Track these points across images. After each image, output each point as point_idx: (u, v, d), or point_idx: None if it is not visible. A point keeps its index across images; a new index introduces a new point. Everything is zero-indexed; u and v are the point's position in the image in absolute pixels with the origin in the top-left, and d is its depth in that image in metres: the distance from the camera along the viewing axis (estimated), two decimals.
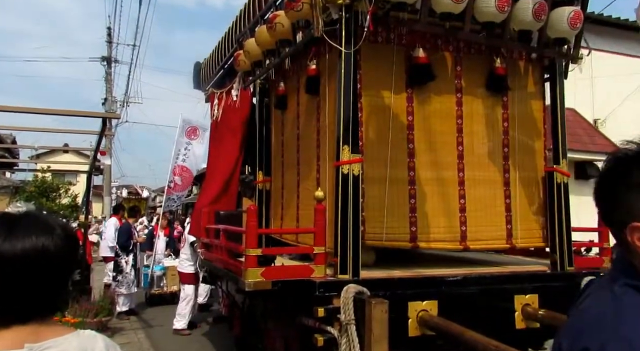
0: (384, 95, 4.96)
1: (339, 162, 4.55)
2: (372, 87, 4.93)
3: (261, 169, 7.08)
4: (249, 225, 4.52)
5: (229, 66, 7.91)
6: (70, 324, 6.94)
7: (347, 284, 4.30)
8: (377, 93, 4.94)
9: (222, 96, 8.01)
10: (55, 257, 1.37)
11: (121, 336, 8.71)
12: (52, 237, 1.38)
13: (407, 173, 4.98)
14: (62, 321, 7.00)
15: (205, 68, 8.83)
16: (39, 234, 1.36)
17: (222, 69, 8.13)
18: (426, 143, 5.07)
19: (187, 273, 9.23)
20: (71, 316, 7.89)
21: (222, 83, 8.31)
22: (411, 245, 4.94)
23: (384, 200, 4.85)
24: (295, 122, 6.14)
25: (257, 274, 4.41)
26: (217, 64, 8.12)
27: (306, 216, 5.69)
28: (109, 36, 27.34)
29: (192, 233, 8.44)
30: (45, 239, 1.36)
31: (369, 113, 4.89)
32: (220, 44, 7.95)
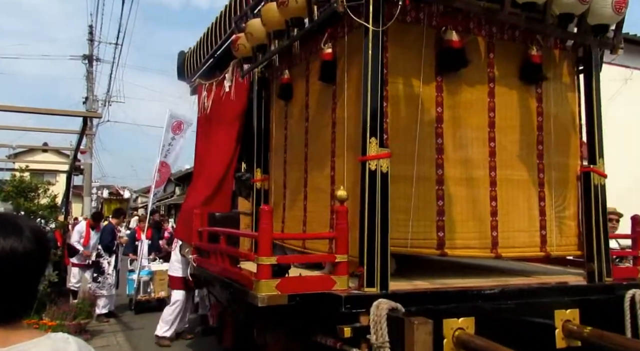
0: (412, 82, 4.24)
1: (365, 156, 3.81)
2: (399, 73, 4.22)
3: (259, 166, 6.28)
4: (262, 228, 3.73)
5: (219, 55, 7.09)
6: (48, 326, 6.87)
7: (375, 299, 3.56)
8: (404, 81, 4.22)
9: (212, 87, 7.19)
10: (23, 259, 1.31)
11: (100, 339, 8.26)
12: (21, 239, 1.31)
13: (435, 171, 4.27)
14: (40, 324, 6.99)
15: (191, 58, 7.94)
16: (6, 236, 1.30)
17: (212, 58, 7.26)
18: (456, 138, 4.37)
19: (176, 277, 8.31)
20: (49, 319, 7.39)
21: (210, 74, 7.48)
22: (438, 252, 4.22)
23: (409, 201, 4.14)
24: (302, 114, 5.35)
25: (271, 287, 3.64)
26: (206, 53, 7.26)
27: (316, 219, 4.93)
28: (90, 34, 26.12)
29: (179, 236, 7.58)
30: (14, 241, 1.30)
31: (395, 103, 4.17)
32: (209, 31, 7.11)
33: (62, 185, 17.92)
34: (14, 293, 1.31)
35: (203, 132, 7.50)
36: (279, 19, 4.72)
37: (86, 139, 20.34)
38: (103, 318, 9.70)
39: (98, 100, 26.79)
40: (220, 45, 6.85)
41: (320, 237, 4.49)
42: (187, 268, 8.12)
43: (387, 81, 4.04)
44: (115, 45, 24.22)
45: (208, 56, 7.27)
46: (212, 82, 7.27)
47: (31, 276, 1.35)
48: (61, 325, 7.25)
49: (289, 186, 5.71)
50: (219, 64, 7.24)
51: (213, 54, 7.18)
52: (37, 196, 18.32)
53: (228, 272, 4.49)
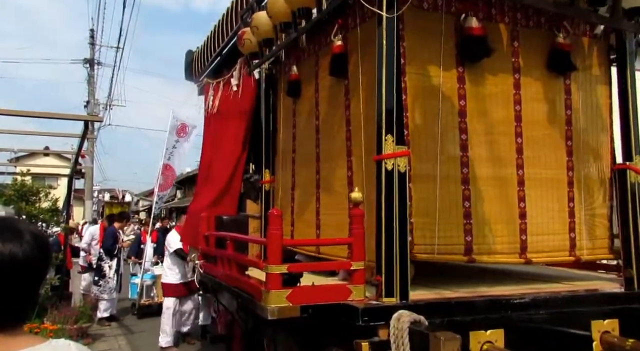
0: (432, 73, 3.97)
1: (380, 155, 3.55)
2: (418, 63, 3.94)
3: (268, 167, 6.03)
4: (271, 234, 3.47)
5: (226, 53, 6.88)
6: (50, 331, 6.88)
7: (395, 310, 3.31)
8: (424, 72, 3.95)
9: (219, 86, 6.97)
10: (23, 265, 1.29)
11: (101, 343, 8.36)
12: (21, 244, 1.30)
13: (460, 170, 3.99)
14: (41, 328, 7.00)
15: (198, 57, 7.74)
16: (6, 241, 1.29)
17: (219, 56, 7.05)
18: (481, 133, 4.09)
19: (167, 284, 8.11)
20: (50, 323, 7.42)
21: (218, 72, 7.28)
22: (466, 258, 3.95)
23: (433, 203, 3.86)
24: (312, 111, 5.10)
25: (281, 297, 3.39)
26: (213, 51, 7.05)
27: (331, 222, 4.68)
28: (92, 38, 26.03)
29: (186, 241, 7.34)
30: (13, 246, 1.29)
31: (415, 95, 3.89)
32: (216, 29, 6.90)
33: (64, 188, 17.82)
34: (13, 298, 1.29)
35: (210, 133, 7.28)
36: (286, 10, 4.49)
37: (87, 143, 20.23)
38: (104, 321, 9.70)
39: (99, 103, 26.72)
40: (227, 42, 6.63)
41: (334, 243, 4.24)
42: (181, 274, 7.96)
43: (405, 72, 3.78)
44: (117, 49, 23.95)
45: (215, 54, 7.05)
46: (219, 80, 7.06)
47: (31, 282, 1.34)
48: (62, 329, 7.25)
49: (298, 188, 5.46)
50: (226, 62, 7.02)
51: (220, 51, 6.96)
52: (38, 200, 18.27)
53: (236, 281, 4.23)
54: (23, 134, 11.87)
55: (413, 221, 3.69)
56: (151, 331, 8.72)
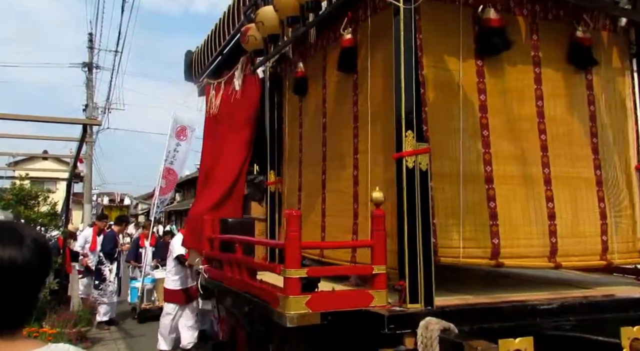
0: (450, 67, 3.64)
1: (401, 152, 3.23)
2: (435, 56, 3.61)
3: (273, 168, 5.67)
4: (289, 236, 3.13)
5: (228, 52, 6.50)
6: (48, 335, 6.71)
7: (421, 317, 2.98)
8: (442, 65, 3.63)
9: (220, 86, 6.60)
10: (22, 269, 1.24)
11: (101, 347, 8.11)
12: (21, 249, 1.25)
13: (484, 168, 3.65)
14: (40, 332, 6.76)
15: (198, 57, 7.34)
16: (6, 245, 1.24)
17: (220, 55, 6.67)
18: (503, 130, 3.76)
19: (170, 290, 7.68)
20: (49, 327, 7.17)
21: (218, 72, 6.88)
22: (494, 262, 3.60)
23: (457, 202, 3.52)
24: (319, 109, 4.77)
25: (301, 304, 3.06)
26: (213, 50, 6.67)
27: (336, 224, 4.35)
28: (90, 42, 25.50)
29: (188, 245, 6.95)
30: (13, 250, 1.24)
31: (433, 90, 3.56)
32: (217, 27, 6.53)
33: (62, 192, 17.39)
34: (12, 303, 1.25)
35: (211, 134, 6.90)
36: (294, 4, 4.14)
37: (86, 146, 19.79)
38: (104, 325, 9.42)
39: (98, 107, 26.23)
40: (229, 41, 6.27)
41: (354, 246, 3.89)
42: (185, 279, 7.53)
43: (422, 65, 3.45)
44: (115, 53, 23.47)
45: (216, 53, 6.68)
46: (221, 80, 6.70)
47: (31, 286, 1.29)
48: (61, 333, 7.03)
49: (305, 189, 5.10)
50: (227, 62, 6.65)
51: (222, 50, 6.58)
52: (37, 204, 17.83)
53: (247, 286, 3.87)
54: (22, 138, 11.51)
55: (435, 222, 3.36)
56: (151, 335, 8.40)
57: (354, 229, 4.02)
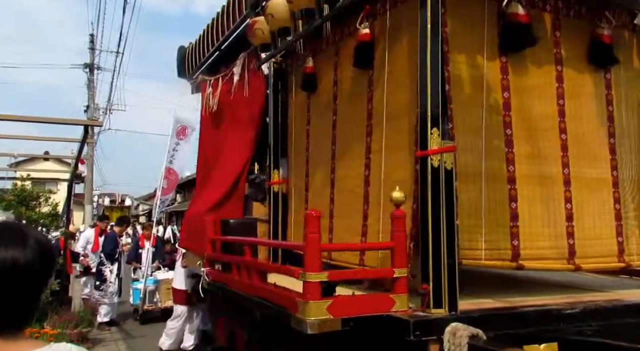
0: (476, 62, 3.41)
1: (426, 151, 3.02)
2: (461, 51, 3.37)
3: (276, 168, 5.41)
4: (309, 238, 2.90)
5: (226, 48, 6.24)
6: (50, 335, 6.62)
7: (447, 322, 2.76)
8: (467, 60, 3.39)
9: (218, 83, 6.34)
10: (25, 270, 1.21)
11: (102, 348, 7.98)
12: (24, 249, 1.22)
13: (506, 167, 3.43)
14: (41, 333, 6.68)
15: (192, 52, 7.05)
16: (9, 246, 1.21)
17: (218, 50, 6.42)
18: (525, 129, 3.53)
19: (180, 290, 7.40)
20: (50, 328, 7.12)
21: (214, 69, 6.59)
22: (514, 265, 3.36)
23: (479, 203, 3.30)
24: (329, 106, 4.53)
25: (321, 309, 2.82)
26: (211, 45, 6.40)
27: (344, 226, 4.10)
28: (91, 43, 25.18)
29: (184, 246, 6.69)
30: (16, 251, 1.21)
31: (458, 86, 3.33)
32: (213, 22, 6.27)
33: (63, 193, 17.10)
34: (14, 303, 1.22)
35: (209, 133, 6.62)
36: None
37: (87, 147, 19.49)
38: (105, 326, 9.25)
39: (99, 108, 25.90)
40: (228, 36, 6.02)
41: (373, 248, 3.66)
42: (191, 280, 7.33)
43: (448, 60, 3.22)
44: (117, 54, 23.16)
45: (214, 49, 6.38)
46: (219, 76, 6.41)
47: (33, 287, 1.27)
48: (62, 333, 6.95)
49: (312, 189, 4.84)
50: (225, 58, 6.38)
51: (219, 46, 6.33)
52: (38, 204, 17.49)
53: (258, 290, 3.62)
54: (23, 139, 11.31)
55: (458, 223, 3.14)
56: (152, 336, 8.21)
57: (362, 231, 3.79)
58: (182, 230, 6.86)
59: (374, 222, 3.66)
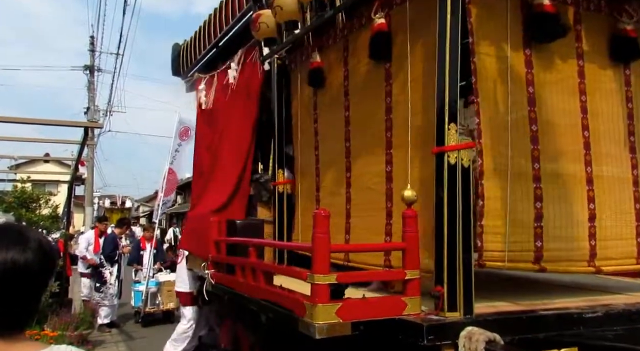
0: (501, 54, 3.27)
1: (442, 147, 2.91)
2: (486, 42, 3.22)
3: (281, 167, 5.29)
4: (317, 239, 2.78)
5: (224, 44, 6.14)
6: (50, 337, 6.59)
7: (462, 326, 2.65)
8: (493, 52, 3.24)
9: (213, 80, 6.24)
10: (25, 271, 1.22)
11: (102, 349, 8.11)
12: (24, 251, 1.23)
13: (532, 165, 3.30)
14: (41, 335, 6.60)
15: (187, 50, 6.93)
16: (9, 247, 1.22)
17: (215, 48, 6.30)
18: (549, 125, 3.39)
19: (185, 293, 7.26)
20: (50, 329, 7.06)
21: (211, 67, 6.49)
22: (537, 267, 3.21)
23: (505, 202, 3.17)
24: (340, 102, 4.40)
25: (330, 312, 2.70)
26: (207, 43, 6.29)
27: (365, 225, 3.96)
28: (91, 45, 25.18)
29: (186, 248, 6.56)
30: (16, 253, 1.22)
31: (484, 79, 3.20)
32: (210, 19, 6.16)
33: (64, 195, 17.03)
34: (14, 305, 1.22)
35: (205, 132, 6.50)
36: None
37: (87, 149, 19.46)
38: (105, 328, 9.32)
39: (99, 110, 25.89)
40: (225, 33, 5.92)
41: (385, 249, 3.53)
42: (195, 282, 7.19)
43: (473, 51, 3.10)
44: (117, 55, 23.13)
45: (210, 46, 6.28)
46: (214, 74, 6.30)
47: (33, 288, 1.27)
48: (62, 335, 6.93)
49: (324, 188, 4.71)
50: (222, 55, 6.29)
51: (217, 43, 6.23)
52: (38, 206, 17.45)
53: (264, 292, 3.48)
54: (23, 141, 11.36)
55: (483, 224, 3.02)
56: (152, 338, 8.36)
57: (387, 230, 3.64)
58: (184, 232, 6.74)
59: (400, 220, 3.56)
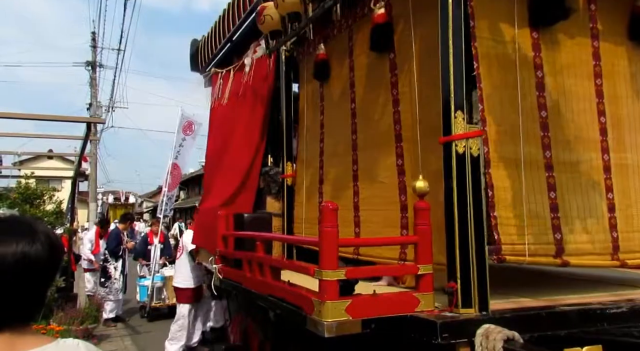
0: (505, 38, 3.16)
1: (449, 136, 2.80)
2: (489, 26, 3.10)
3: (290, 160, 5.21)
4: (325, 232, 2.68)
5: (237, 38, 6.07)
6: (56, 332, 6.64)
7: (479, 324, 2.56)
8: (496, 36, 3.13)
9: (229, 75, 6.17)
10: (34, 264, 1.23)
11: (108, 344, 8.04)
12: (33, 244, 1.24)
13: (542, 153, 3.19)
14: (47, 329, 6.69)
15: (205, 45, 6.87)
16: (19, 239, 1.23)
17: (230, 42, 6.24)
18: (560, 111, 3.28)
19: (183, 289, 7.19)
20: (56, 324, 7.18)
21: (227, 61, 6.45)
22: (559, 261, 3.09)
23: (518, 192, 3.05)
24: (346, 94, 4.31)
25: (340, 310, 2.61)
26: (222, 37, 6.23)
27: (376, 218, 3.87)
28: (93, 41, 25.08)
29: (196, 242, 6.52)
30: (25, 245, 1.23)
31: (487, 65, 3.08)
32: (225, 13, 6.08)
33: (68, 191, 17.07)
34: (21, 298, 1.23)
35: (220, 125, 6.46)
36: None
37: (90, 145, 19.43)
38: (110, 322, 9.34)
39: (102, 106, 25.90)
40: (239, 25, 5.83)
41: (396, 242, 3.43)
42: (197, 278, 7.06)
43: (474, 36, 2.99)
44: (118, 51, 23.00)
45: (225, 40, 6.24)
46: (230, 68, 6.27)
47: (40, 281, 1.27)
48: (68, 330, 7.01)
49: (329, 181, 4.62)
50: (237, 49, 6.22)
51: (230, 37, 6.16)
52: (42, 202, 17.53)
53: (271, 288, 3.38)
54: (26, 137, 11.41)
55: (497, 215, 2.91)
56: (157, 332, 8.40)
57: (402, 223, 3.56)
58: (195, 226, 6.69)
59: None
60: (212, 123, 6.70)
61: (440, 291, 2.86)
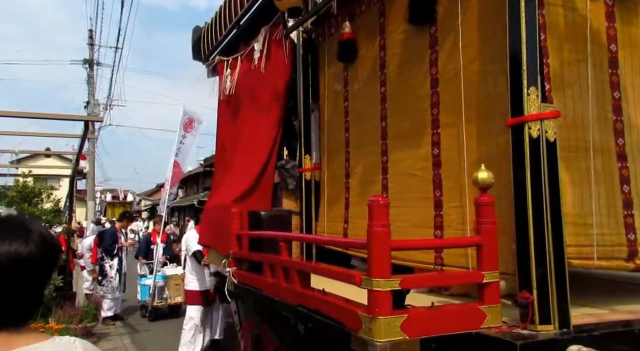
0: (576, 5, 2.71)
1: (521, 117, 2.34)
2: None
3: (308, 152, 4.74)
4: (375, 232, 2.20)
5: (246, 22, 5.58)
6: (54, 330, 6.60)
7: (564, 344, 2.11)
8: (565, 3, 2.70)
9: (237, 62, 5.70)
10: (28, 264, 1.22)
11: (106, 342, 8.03)
12: (27, 243, 1.23)
13: (615, 140, 2.74)
14: (46, 328, 6.61)
15: (208, 32, 6.37)
16: (12, 239, 1.22)
17: (235, 28, 5.74)
18: (635, 91, 2.84)
19: (192, 291, 6.83)
20: (55, 322, 7.17)
21: (233, 48, 5.96)
22: (632, 265, 2.66)
23: (586, 187, 2.61)
24: (375, 76, 3.85)
25: (395, 327, 2.14)
26: (227, 23, 5.73)
27: (407, 217, 3.39)
28: (90, 39, 24.66)
29: (204, 242, 6.05)
30: (19, 245, 1.22)
31: (556, 36, 2.63)
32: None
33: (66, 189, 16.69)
34: (17, 298, 1.22)
35: (228, 117, 6.00)
36: None
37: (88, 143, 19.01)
38: (109, 321, 9.35)
39: (99, 104, 25.50)
40: (247, 9, 5.36)
41: (455, 244, 2.92)
42: (206, 279, 6.63)
43: (542, 3, 2.56)
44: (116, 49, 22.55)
45: (231, 25, 5.75)
46: (237, 55, 5.79)
47: (36, 281, 1.26)
48: (67, 328, 7.01)
49: (355, 175, 4.18)
50: (244, 35, 5.76)
51: (238, 21, 5.68)
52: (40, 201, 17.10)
53: (304, 298, 2.89)
54: (24, 135, 11.28)
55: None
56: (156, 331, 8.51)
57: (436, 223, 3.11)
58: (202, 225, 6.21)
59: (453, 211, 2.98)
60: (221, 115, 6.24)
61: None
